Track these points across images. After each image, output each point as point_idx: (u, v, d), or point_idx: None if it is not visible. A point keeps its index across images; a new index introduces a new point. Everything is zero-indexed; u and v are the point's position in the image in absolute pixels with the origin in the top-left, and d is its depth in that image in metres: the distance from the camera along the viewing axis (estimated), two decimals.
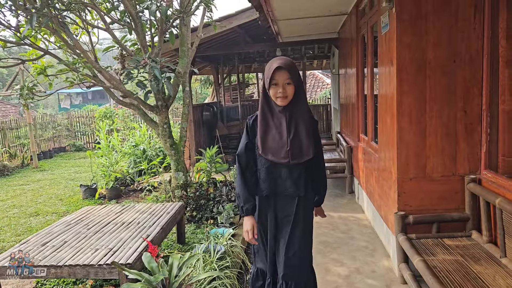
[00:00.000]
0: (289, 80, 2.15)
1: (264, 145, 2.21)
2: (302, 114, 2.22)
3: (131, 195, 7.05)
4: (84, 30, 5.32)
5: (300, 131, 2.20)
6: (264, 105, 2.24)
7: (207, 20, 6.10)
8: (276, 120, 2.21)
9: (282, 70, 2.13)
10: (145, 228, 3.66)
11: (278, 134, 2.19)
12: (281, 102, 2.18)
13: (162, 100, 5.46)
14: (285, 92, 2.15)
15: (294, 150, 2.18)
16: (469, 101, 3.08)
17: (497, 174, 2.91)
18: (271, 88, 2.18)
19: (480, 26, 3.00)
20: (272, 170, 2.27)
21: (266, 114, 2.23)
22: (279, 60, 2.16)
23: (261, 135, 2.22)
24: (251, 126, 2.34)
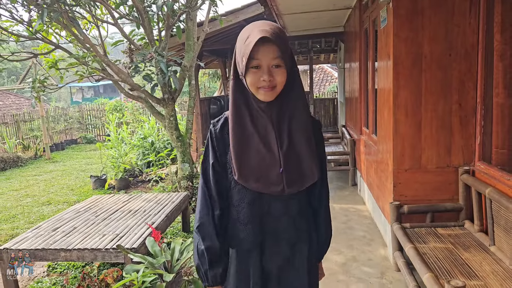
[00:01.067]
0: (278, 61, 1.27)
1: (241, 166, 1.34)
2: (298, 113, 1.36)
3: (139, 186, 7.24)
4: (94, 25, 5.47)
5: (297, 140, 1.36)
6: (238, 100, 1.35)
7: (213, 14, 6.21)
8: (259, 124, 1.35)
9: (268, 44, 1.25)
10: (150, 216, 3.81)
11: (263, 146, 1.34)
12: (265, 96, 1.30)
13: (168, 93, 5.60)
14: (273, 79, 1.28)
15: (291, 171, 1.35)
16: (464, 94, 3.16)
17: (490, 166, 2.99)
18: (250, 74, 1.28)
19: (475, 20, 3.07)
20: (257, 206, 1.40)
21: (242, 114, 1.35)
22: (262, 26, 1.27)
23: (235, 149, 1.34)
24: (217, 135, 1.42)
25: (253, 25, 1.32)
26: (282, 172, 1.34)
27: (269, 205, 1.40)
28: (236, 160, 1.34)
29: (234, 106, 1.36)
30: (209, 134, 1.46)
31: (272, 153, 1.34)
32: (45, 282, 3.68)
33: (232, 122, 1.36)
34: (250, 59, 1.26)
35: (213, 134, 1.44)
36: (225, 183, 1.43)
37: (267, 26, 1.28)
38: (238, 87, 1.36)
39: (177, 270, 2.58)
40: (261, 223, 1.41)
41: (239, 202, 1.41)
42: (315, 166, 1.38)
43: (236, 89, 1.36)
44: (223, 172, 1.43)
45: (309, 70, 10.52)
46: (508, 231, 2.47)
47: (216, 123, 1.45)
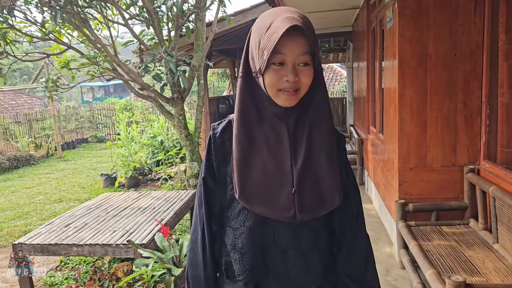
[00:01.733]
0: (306, 57, 1.01)
1: (244, 183, 1.08)
2: (320, 123, 1.09)
3: (149, 184, 7.35)
4: (105, 25, 5.58)
5: (316, 155, 1.09)
6: (246, 102, 1.09)
7: (222, 14, 6.28)
8: (270, 133, 1.09)
9: (297, 36, 0.99)
10: (159, 213, 3.89)
11: (273, 161, 1.08)
12: (287, 101, 1.04)
13: (177, 93, 5.68)
14: (298, 80, 1.02)
15: (306, 192, 1.08)
16: (469, 93, 3.18)
17: (495, 165, 3.01)
18: (270, 72, 1.01)
19: (480, 20, 3.09)
20: (260, 234, 1.10)
21: (250, 120, 1.09)
22: (287, 13, 1.00)
23: (238, 162, 1.09)
24: (216, 141, 1.17)
25: (275, 10, 1.04)
26: (294, 193, 1.06)
27: (275, 232, 1.09)
28: (238, 175, 1.08)
29: (241, 109, 1.09)
30: (208, 139, 1.20)
31: (284, 170, 1.07)
32: (57, 276, 3.78)
33: (237, 128, 1.08)
34: (274, 52, 0.98)
35: (211, 140, 1.18)
36: (223, 199, 1.15)
37: (294, 13, 1.00)
38: (248, 87, 1.08)
39: (185, 265, 2.65)
40: (262, 254, 1.10)
41: (239, 224, 1.11)
42: (336, 189, 1.09)
43: (245, 89, 1.08)
44: (221, 186, 1.15)
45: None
46: (510, 229, 2.50)
47: (217, 127, 1.18)
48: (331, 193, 1.09)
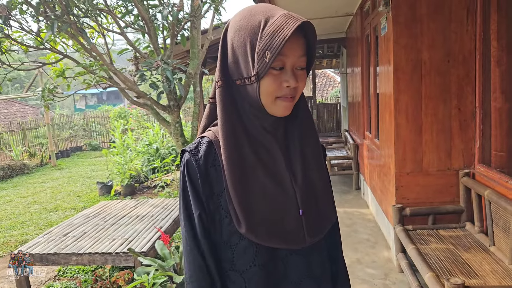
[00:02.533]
0: (304, 59, 0.92)
1: (249, 214, 0.90)
2: (309, 133, 1.00)
3: (145, 192, 7.34)
4: (100, 34, 5.59)
5: (311, 169, 0.99)
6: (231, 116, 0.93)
7: (217, 22, 6.33)
8: (261, 149, 0.95)
9: (297, 36, 0.88)
10: (158, 221, 3.90)
11: (271, 181, 0.93)
12: (285, 109, 0.93)
13: (174, 100, 5.70)
14: (297, 86, 0.91)
15: (311, 213, 0.96)
16: (463, 99, 3.24)
17: (489, 168, 3.07)
18: (270, 77, 0.88)
19: (472, 27, 3.16)
20: (272, 269, 0.95)
21: (239, 136, 0.93)
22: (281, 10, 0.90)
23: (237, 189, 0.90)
24: (202, 170, 0.94)
25: (263, 7, 0.90)
26: (302, 214, 0.93)
27: (286, 265, 0.95)
28: (239, 205, 0.89)
29: (227, 126, 0.92)
30: (185, 167, 0.94)
31: (284, 190, 0.93)
32: (56, 286, 3.77)
33: (227, 150, 0.91)
34: (276, 54, 0.84)
35: (194, 168, 0.93)
36: (216, 239, 0.94)
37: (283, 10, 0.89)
38: (231, 98, 0.93)
39: None
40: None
41: (248, 265, 0.92)
42: (332, 203, 1.03)
43: (228, 101, 0.93)
44: (212, 225, 0.93)
45: (312, 75, 10.61)
46: (506, 231, 2.54)
47: (195, 151, 0.95)
48: (329, 209, 1.01)
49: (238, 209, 0.90)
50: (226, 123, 0.92)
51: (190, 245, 0.94)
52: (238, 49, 0.90)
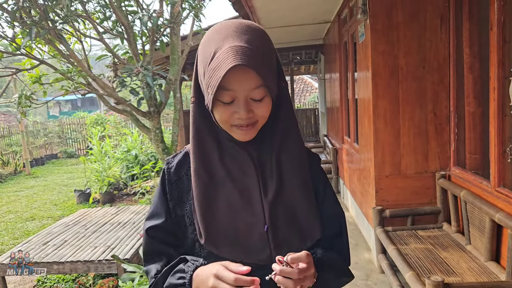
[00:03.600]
0: (260, 91, 0.89)
1: (208, 226, 0.94)
2: (288, 145, 0.99)
3: (124, 199, 7.25)
4: (77, 40, 5.53)
5: (288, 183, 0.98)
6: (201, 130, 0.97)
7: (197, 28, 6.35)
8: (232, 164, 0.97)
9: (246, 68, 0.84)
10: (140, 227, 3.87)
11: (238, 196, 0.95)
12: (243, 136, 0.93)
13: (154, 106, 5.68)
14: (253, 116, 0.91)
15: (280, 228, 0.95)
16: (438, 103, 3.37)
17: (464, 170, 3.19)
18: (218, 108, 0.90)
19: (446, 35, 3.29)
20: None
21: (208, 150, 0.97)
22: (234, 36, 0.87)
23: (200, 201, 0.95)
24: (171, 178, 1.02)
25: (221, 30, 0.89)
26: (267, 230, 0.93)
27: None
28: (201, 216, 0.93)
29: (196, 140, 0.95)
30: (161, 175, 1.03)
31: (251, 205, 0.94)
32: None
33: (194, 162, 0.95)
34: (219, 89, 0.85)
35: (165, 176, 1.01)
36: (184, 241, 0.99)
37: (243, 37, 0.86)
38: (202, 113, 0.95)
39: None
40: None
41: None
42: (314, 219, 0.97)
43: (199, 116, 0.95)
44: (179, 230, 0.99)
45: (290, 81, 10.74)
46: (481, 230, 2.65)
47: (171, 160, 1.03)
48: (310, 224, 0.97)
49: (200, 220, 0.94)
50: (194, 138, 0.96)
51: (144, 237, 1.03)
52: (200, 72, 0.92)
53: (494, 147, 2.65)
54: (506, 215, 2.36)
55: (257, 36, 0.89)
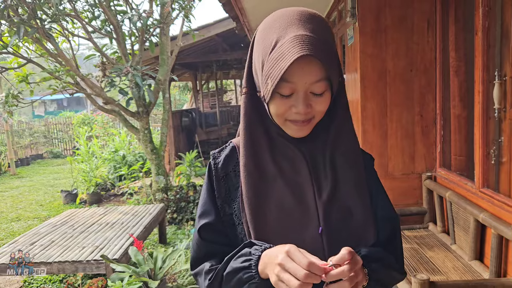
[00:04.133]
0: (321, 85, 0.84)
1: (258, 226, 0.89)
2: (343, 142, 0.94)
3: (112, 200, 7.20)
4: (65, 39, 5.48)
5: (344, 183, 0.93)
6: (253, 124, 0.92)
7: (186, 29, 6.36)
8: (284, 161, 0.92)
9: (310, 61, 0.80)
10: (128, 228, 3.86)
11: (291, 195, 0.90)
12: (297, 132, 0.90)
13: (143, 107, 5.67)
14: (311, 111, 0.86)
15: (335, 230, 0.90)
16: (424, 106, 3.43)
17: (449, 171, 3.25)
18: (276, 101, 0.86)
19: (433, 39, 3.36)
20: None
21: (259, 146, 0.92)
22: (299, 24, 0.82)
23: (250, 199, 0.90)
24: (218, 174, 0.98)
25: (284, 17, 0.85)
26: (321, 232, 0.87)
27: None
28: (251, 215, 0.88)
29: (247, 134, 0.91)
30: (207, 171, 0.99)
31: (305, 205, 0.89)
32: None
33: (244, 157, 0.91)
34: (280, 81, 0.80)
35: (212, 171, 0.97)
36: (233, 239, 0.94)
37: (307, 26, 0.81)
38: (254, 106, 0.91)
39: (161, 278, 2.67)
40: None
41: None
42: (370, 223, 0.92)
43: (251, 109, 0.91)
44: (229, 229, 0.95)
45: None
46: (466, 230, 2.71)
47: (218, 155, 0.99)
48: (364, 228, 0.92)
49: (249, 219, 0.89)
50: (244, 131, 0.91)
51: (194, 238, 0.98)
52: (257, 63, 0.88)
53: (478, 149, 2.71)
54: (490, 215, 2.42)
55: (321, 26, 0.84)
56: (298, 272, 0.73)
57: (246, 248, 0.88)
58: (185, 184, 5.81)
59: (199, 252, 0.97)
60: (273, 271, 0.77)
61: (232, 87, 16.95)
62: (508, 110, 2.54)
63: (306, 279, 0.73)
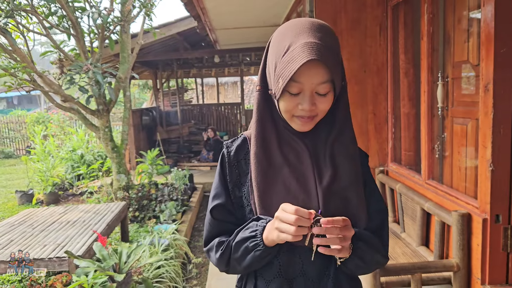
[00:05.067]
0: (326, 86, 0.97)
1: (265, 208, 1.04)
2: (343, 138, 1.07)
3: (71, 199, 7.05)
4: (18, 34, 5.33)
5: (342, 172, 1.06)
6: (265, 118, 1.07)
7: (147, 27, 6.34)
8: (290, 152, 1.07)
9: (317, 64, 0.94)
10: (90, 226, 3.84)
11: (295, 181, 1.04)
12: (302, 127, 1.04)
13: (103, 105, 5.62)
14: (315, 109, 1.00)
15: (333, 214, 0.99)
16: (377, 104, 3.66)
17: (400, 166, 3.50)
18: (285, 98, 1.00)
19: (384, 42, 3.59)
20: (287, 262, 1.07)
21: (269, 137, 1.06)
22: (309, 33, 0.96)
23: (259, 184, 1.04)
24: (231, 161, 1.13)
25: (297, 26, 0.98)
26: (320, 214, 0.97)
27: (304, 261, 1.05)
28: (259, 198, 1.03)
29: (259, 126, 1.05)
30: (220, 159, 1.14)
31: (308, 190, 1.02)
32: None
33: (255, 147, 1.05)
34: (289, 81, 0.95)
35: (225, 159, 1.12)
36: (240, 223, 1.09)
37: (317, 35, 0.95)
38: (266, 102, 1.06)
39: (126, 271, 2.72)
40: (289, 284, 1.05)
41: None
42: (362, 210, 1.06)
43: (263, 105, 1.06)
44: (238, 211, 1.11)
45: (240, 82, 10.91)
46: (414, 219, 2.95)
47: (230, 145, 1.14)
48: (358, 214, 1.05)
49: (257, 201, 1.04)
50: (256, 124, 1.06)
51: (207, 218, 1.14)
52: (270, 64, 1.02)
53: (424, 144, 2.96)
54: (434, 204, 2.66)
55: (329, 35, 0.98)
56: (289, 218, 0.91)
57: (254, 221, 1.04)
58: (147, 183, 5.81)
59: (211, 231, 1.13)
60: (273, 226, 0.96)
61: (193, 86, 16.88)
62: (450, 108, 2.80)
63: (297, 223, 0.90)
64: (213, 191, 1.14)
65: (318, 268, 1.06)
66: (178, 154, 10.12)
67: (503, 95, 2.14)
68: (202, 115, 12.02)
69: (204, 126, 11.40)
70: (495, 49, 2.12)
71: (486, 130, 2.20)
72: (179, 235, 4.17)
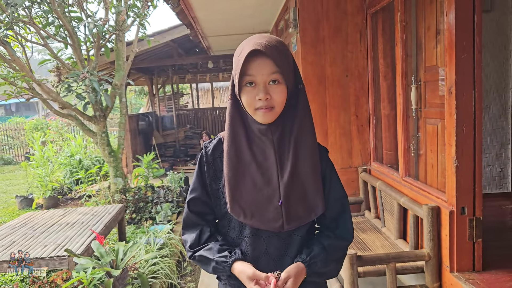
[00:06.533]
0: (275, 76, 1.14)
1: (234, 199, 1.21)
2: (303, 137, 1.22)
3: (69, 203, 7.23)
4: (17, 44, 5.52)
5: (302, 168, 1.22)
6: (235, 121, 1.23)
7: (141, 35, 6.54)
8: (258, 150, 1.22)
9: (263, 57, 1.13)
10: (89, 227, 4.03)
11: (261, 176, 1.21)
12: (263, 117, 1.18)
13: (100, 111, 5.81)
14: (270, 98, 1.15)
15: (292, 204, 1.21)
16: (359, 107, 3.86)
17: (381, 165, 3.70)
18: (244, 92, 1.17)
19: (365, 48, 3.80)
20: (254, 243, 1.26)
21: (239, 138, 1.22)
22: (257, 39, 1.15)
23: (229, 179, 1.22)
24: (208, 159, 1.30)
25: (250, 38, 1.18)
26: (281, 205, 1.18)
27: (268, 243, 1.25)
28: (229, 191, 1.22)
29: (230, 128, 1.22)
30: (199, 157, 1.32)
31: (271, 184, 1.20)
32: None
33: (227, 146, 1.22)
34: (243, 75, 1.14)
35: (203, 157, 1.31)
36: (217, 211, 1.32)
37: (263, 39, 1.15)
38: (236, 108, 1.23)
39: (123, 267, 2.90)
40: (258, 264, 1.23)
41: (236, 234, 1.28)
42: (320, 198, 1.23)
43: (233, 110, 1.23)
44: (214, 200, 1.31)
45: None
46: (392, 214, 3.14)
47: (208, 145, 1.32)
48: (316, 202, 1.22)
49: (228, 194, 1.22)
50: (228, 128, 1.23)
51: (185, 210, 1.35)
52: (233, 72, 1.22)
53: (401, 144, 3.16)
54: (409, 199, 2.86)
55: (276, 40, 1.17)
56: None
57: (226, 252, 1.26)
58: (143, 185, 6.00)
59: (186, 220, 1.35)
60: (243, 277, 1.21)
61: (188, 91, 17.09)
62: (423, 110, 3.00)
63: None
64: (191, 186, 1.34)
65: (279, 249, 1.26)
66: (175, 157, 10.30)
67: (465, 97, 2.35)
68: (197, 119, 12.22)
69: (200, 130, 11.59)
70: (456, 55, 2.32)
71: (451, 129, 2.41)
72: (174, 234, 4.35)
